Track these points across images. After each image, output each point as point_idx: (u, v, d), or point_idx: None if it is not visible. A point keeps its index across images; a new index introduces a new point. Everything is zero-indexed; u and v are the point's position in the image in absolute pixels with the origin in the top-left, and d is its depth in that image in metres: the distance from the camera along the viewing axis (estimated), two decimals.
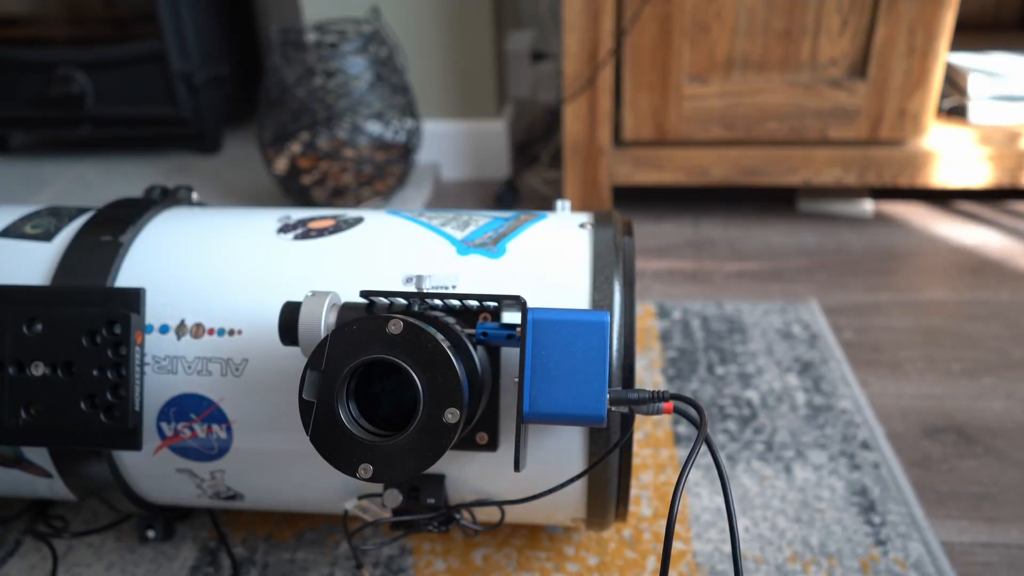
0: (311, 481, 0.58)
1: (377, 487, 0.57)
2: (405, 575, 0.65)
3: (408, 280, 0.55)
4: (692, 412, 0.49)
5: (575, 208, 1.22)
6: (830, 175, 1.18)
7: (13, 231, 0.61)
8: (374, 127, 1.21)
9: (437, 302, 0.50)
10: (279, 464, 0.57)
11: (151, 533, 0.67)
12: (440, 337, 0.45)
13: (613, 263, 0.55)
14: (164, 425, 0.56)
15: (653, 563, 0.65)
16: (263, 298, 0.56)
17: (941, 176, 1.17)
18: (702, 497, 0.72)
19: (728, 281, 1.09)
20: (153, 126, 1.52)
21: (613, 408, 0.48)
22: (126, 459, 0.58)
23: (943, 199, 1.29)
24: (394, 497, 0.54)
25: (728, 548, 0.66)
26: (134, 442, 0.54)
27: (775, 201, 1.31)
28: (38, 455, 0.58)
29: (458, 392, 0.44)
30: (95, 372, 0.53)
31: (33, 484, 0.62)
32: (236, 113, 1.68)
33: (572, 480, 0.52)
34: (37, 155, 1.62)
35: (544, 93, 1.67)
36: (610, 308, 0.53)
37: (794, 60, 1.13)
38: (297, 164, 1.22)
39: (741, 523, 0.69)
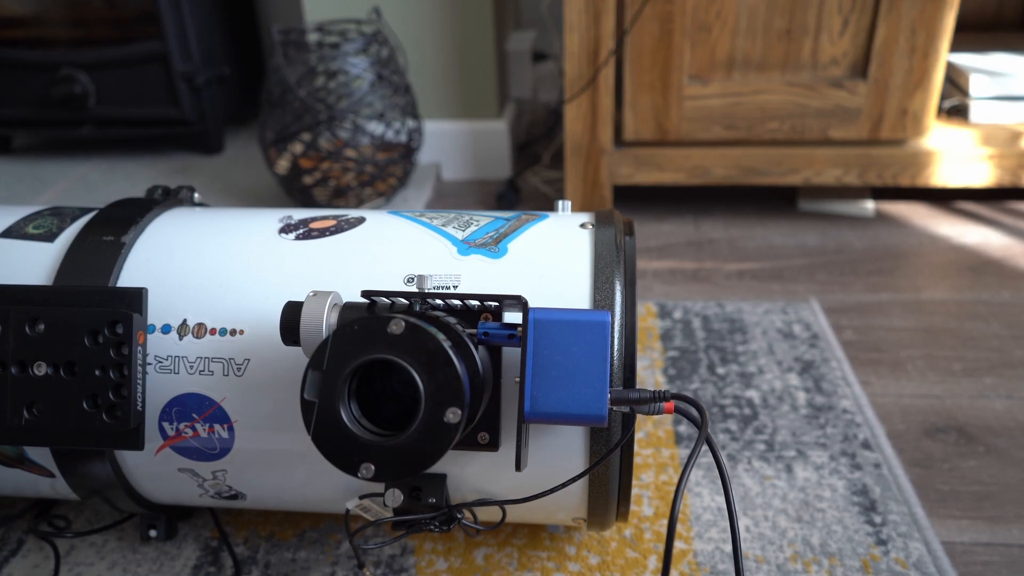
0: (313, 481, 0.58)
1: (379, 486, 0.57)
2: (407, 574, 0.65)
3: (409, 280, 0.55)
4: (693, 412, 0.49)
5: (576, 208, 1.22)
6: (831, 175, 1.18)
7: (16, 231, 0.62)
8: (376, 127, 1.21)
9: (438, 302, 0.50)
10: (281, 464, 0.57)
11: (153, 532, 0.67)
12: (441, 337, 0.45)
13: (614, 263, 0.55)
14: (166, 425, 0.56)
15: (654, 563, 0.65)
16: (265, 298, 0.56)
17: (942, 176, 1.17)
18: (703, 496, 0.72)
19: (729, 281, 1.09)
20: (155, 126, 1.52)
21: (614, 408, 0.49)
22: (128, 459, 0.59)
23: (944, 199, 1.29)
24: (395, 496, 0.54)
25: (729, 548, 0.67)
26: (136, 442, 0.54)
27: (776, 201, 1.31)
28: (40, 455, 0.59)
29: (459, 392, 0.44)
30: (97, 372, 0.53)
31: (35, 483, 0.62)
32: (238, 113, 1.68)
33: (573, 480, 0.53)
34: (39, 155, 1.62)
35: (545, 93, 1.68)
36: (611, 308, 0.54)
37: (795, 60, 1.13)
38: (299, 164, 1.22)
39: (742, 522, 0.69)
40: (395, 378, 0.47)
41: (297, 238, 0.60)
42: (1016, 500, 0.71)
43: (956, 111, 1.26)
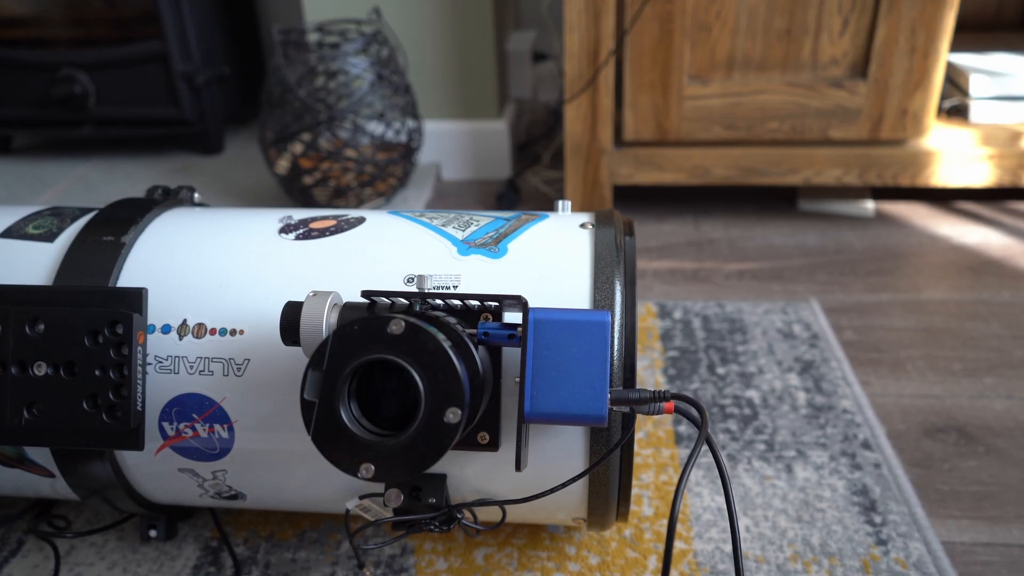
0: (313, 481, 0.58)
1: (379, 487, 0.57)
2: (407, 574, 0.65)
3: (409, 280, 0.55)
4: (693, 412, 0.49)
5: (576, 208, 1.22)
6: (831, 175, 1.18)
7: (16, 231, 0.62)
8: (376, 127, 1.21)
9: (438, 302, 0.50)
10: (281, 464, 0.57)
11: (153, 532, 0.67)
12: (441, 337, 0.45)
13: (614, 263, 0.55)
14: (166, 425, 0.56)
15: (654, 563, 0.65)
16: (265, 298, 0.56)
17: (942, 176, 1.17)
18: (703, 496, 0.72)
19: (729, 281, 1.09)
20: (155, 126, 1.52)
21: (614, 408, 0.49)
22: (128, 459, 0.59)
23: (944, 199, 1.29)
24: (395, 496, 0.54)
25: (729, 548, 0.67)
26: (136, 442, 0.54)
27: (776, 201, 1.31)
28: (40, 455, 0.59)
29: (459, 392, 0.44)
30: (97, 372, 0.53)
31: (36, 484, 0.62)
32: (238, 114, 1.68)
33: (573, 480, 0.53)
34: (40, 155, 1.62)
35: (545, 93, 1.68)
36: (611, 308, 0.54)
37: (795, 60, 1.13)
38: (299, 164, 1.22)
39: (742, 522, 0.69)
40: (395, 378, 0.47)
41: (297, 238, 0.60)
42: (1016, 500, 0.71)
43: (956, 111, 1.26)
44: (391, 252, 0.58)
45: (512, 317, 0.52)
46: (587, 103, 1.17)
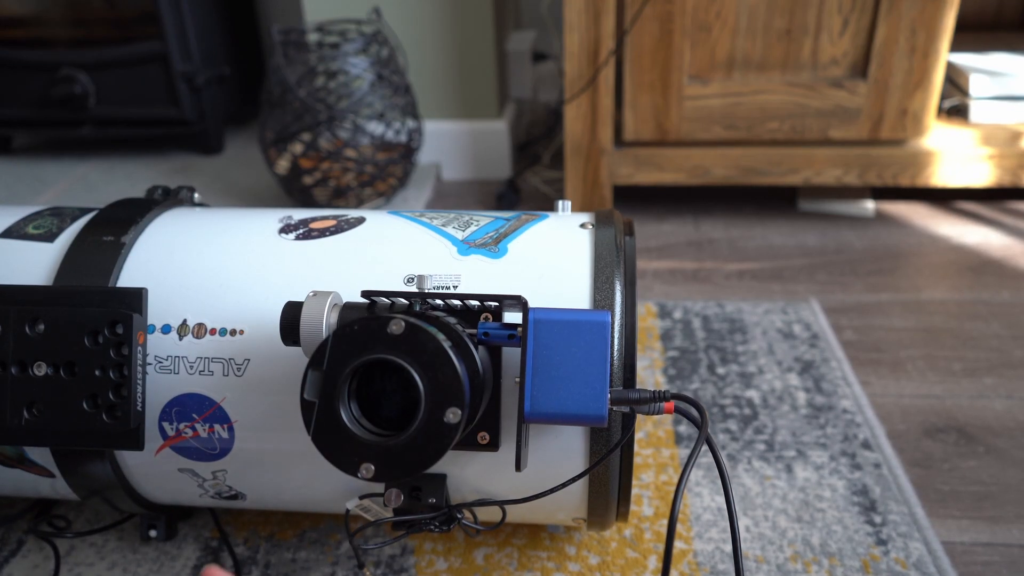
0: (313, 481, 0.58)
1: (379, 487, 0.57)
2: (407, 574, 0.65)
3: (409, 280, 0.55)
4: (693, 412, 0.49)
5: (576, 208, 1.22)
6: (831, 175, 1.18)
7: (16, 231, 0.62)
8: (376, 127, 1.21)
9: (438, 302, 0.50)
10: (281, 464, 0.57)
11: (153, 532, 0.67)
12: (441, 337, 0.45)
13: (614, 263, 0.55)
14: (166, 425, 0.56)
15: (654, 563, 0.65)
16: (265, 298, 0.56)
17: (942, 176, 1.17)
18: (703, 496, 0.72)
19: (729, 281, 1.09)
20: (155, 127, 1.52)
21: (614, 408, 0.49)
22: (128, 459, 0.59)
23: (944, 199, 1.29)
24: (395, 496, 0.54)
25: (729, 548, 0.67)
26: (136, 442, 0.54)
27: (776, 201, 1.31)
28: (40, 455, 0.59)
29: (459, 392, 0.44)
30: (97, 372, 0.53)
31: (36, 484, 0.62)
32: (238, 114, 1.68)
33: (573, 480, 0.53)
34: (39, 156, 1.62)
35: (545, 93, 1.68)
36: (611, 308, 0.54)
37: (795, 60, 1.13)
38: (299, 164, 1.22)
39: (742, 522, 0.69)
40: (395, 378, 0.47)
41: (297, 238, 0.60)
42: (1016, 500, 0.71)
43: (956, 111, 1.26)
44: (391, 252, 0.58)
45: (512, 317, 0.52)
46: (587, 103, 1.17)
